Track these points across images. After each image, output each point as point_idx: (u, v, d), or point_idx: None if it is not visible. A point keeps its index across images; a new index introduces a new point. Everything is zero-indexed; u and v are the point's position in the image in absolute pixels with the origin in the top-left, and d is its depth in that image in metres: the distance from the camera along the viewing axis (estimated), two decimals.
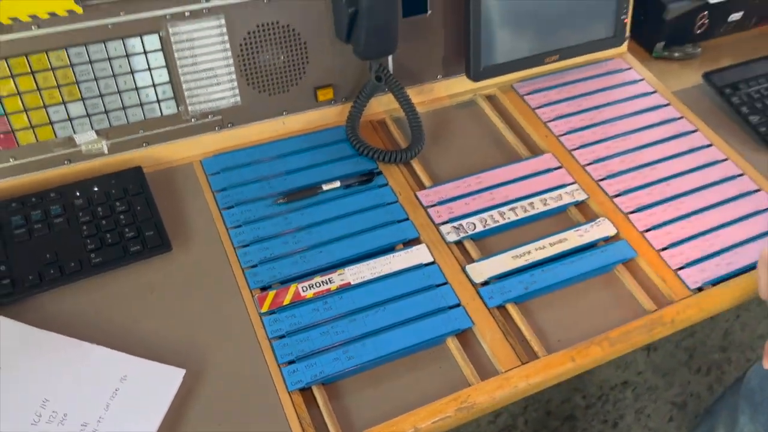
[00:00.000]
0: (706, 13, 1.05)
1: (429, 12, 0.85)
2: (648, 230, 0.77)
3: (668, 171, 0.83)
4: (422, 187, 0.80)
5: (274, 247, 0.71)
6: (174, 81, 0.76)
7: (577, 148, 0.85)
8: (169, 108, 0.77)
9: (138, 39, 0.72)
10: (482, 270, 0.71)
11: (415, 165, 0.82)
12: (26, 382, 0.59)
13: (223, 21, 0.75)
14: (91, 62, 0.71)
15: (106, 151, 0.76)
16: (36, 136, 0.72)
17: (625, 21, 0.93)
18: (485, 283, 0.70)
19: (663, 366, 1.47)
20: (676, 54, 1.06)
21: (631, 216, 0.78)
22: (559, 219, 0.78)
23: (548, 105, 0.91)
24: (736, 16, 1.09)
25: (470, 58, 0.85)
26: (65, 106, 0.72)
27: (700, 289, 0.72)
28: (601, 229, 0.76)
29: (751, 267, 0.74)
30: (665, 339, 1.40)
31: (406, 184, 0.80)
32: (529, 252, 0.73)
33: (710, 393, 1.48)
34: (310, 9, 0.78)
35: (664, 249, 0.75)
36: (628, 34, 0.98)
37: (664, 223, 0.77)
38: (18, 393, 0.58)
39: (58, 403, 0.58)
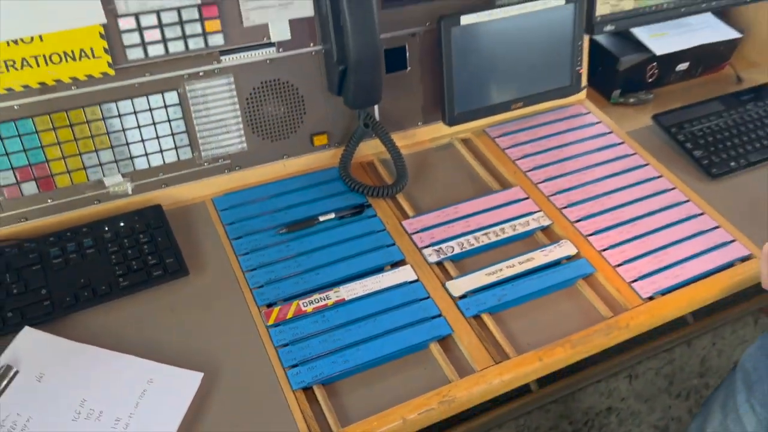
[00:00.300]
0: (655, 64, 1.19)
1: (408, 68, 0.98)
2: (605, 249, 0.88)
3: (622, 199, 0.95)
4: (407, 216, 0.91)
5: (278, 270, 0.82)
6: (189, 130, 0.88)
7: (542, 182, 0.97)
8: (185, 154, 0.88)
9: (160, 95, 0.85)
10: (460, 285, 0.82)
11: (400, 198, 0.93)
12: (66, 386, 0.68)
13: (232, 79, 0.88)
14: (120, 116, 0.83)
15: (130, 192, 0.87)
16: (71, 180, 0.83)
17: (580, 71, 1.06)
18: (463, 297, 0.81)
19: (645, 392, 1.55)
20: (631, 100, 1.19)
21: (590, 238, 0.89)
22: (526, 242, 0.89)
23: (516, 146, 1.03)
24: (683, 66, 1.23)
25: (445, 106, 0.98)
26: (97, 154, 0.83)
27: (651, 298, 0.82)
28: (564, 249, 0.87)
29: (695, 279, 0.84)
30: (646, 367, 1.48)
31: (392, 215, 0.91)
32: (500, 270, 0.84)
33: (690, 416, 1.55)
34: (306, 67, 0.91)
35: (619, 265, 0.86)
36: (585, 83, 1.11)
37: (619, 243, 0.89)
38: (59, 395, 0.67)
39: (94, 402, 0.67)
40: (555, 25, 1.01)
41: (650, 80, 1.21)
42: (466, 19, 0.93)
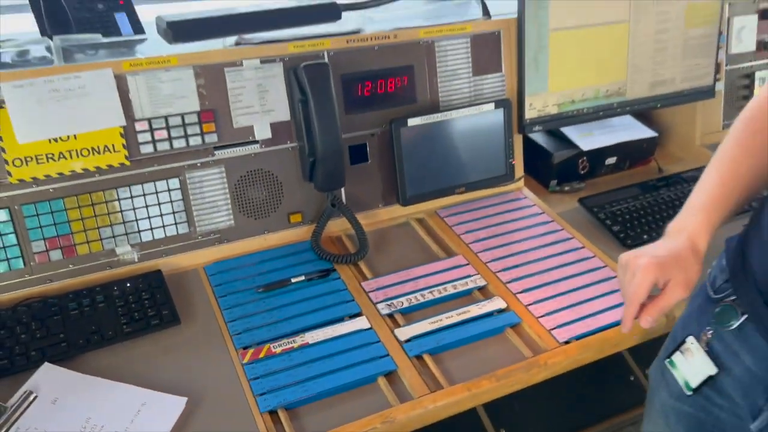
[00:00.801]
0: (585, 158, 1.41)
1: (369, 161, 1.20)
2: (530, 304, 1.04)
3: (548, 265, 1.13)
4: (365, 279, 1.09)
5: (254, 321, 0.99)
6: (187, 210, 1.08)
7: (481, 251, 1.16)
8: (183, 229, 1.08)
9: (165, 182, 1.06)
10: (406, 332, 0.98)
11: (361, 265, 1.12)
12: (75, 407, 0.84)
13: (223, 169, 1.09)
14: (132, 197, 1.04)
15: (136, 260, 1.06)
16: (90, 249, 1.03)
17: (513, 163, 1.28)
18: (408, 341, 0.97)
19: None
20: (566, 188, 1.40)
21: (518, 295, 1.06)
22: (465, 299, 1.06)
23: (462, 223, 1.23)
24: (611, 160, 1.45)
25: (399, 189, 1.18)
26: (111, 228, 1.03)
27: (567, 342, 0.98)
28: (495, 304, 1.04)
29: (604, 328, 1.01)
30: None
31: (353, 278, 1.09)
32: (441, 320, 1.01)
33: None
34: (284, 159, 1.13)
35: (541, 316, 1.02)
36: (521, 173, 1.33)
37: (543, 299, 1.05)
38: (69, 414, 0.83)
39: (97, 419, 0.82)
40: (489, 126, 1.24)
41: (583, 172, 1.43)
42: (412, 122, 1.16)
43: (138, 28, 1.39)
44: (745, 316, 0.76)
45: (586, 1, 1.27)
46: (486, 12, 1.34)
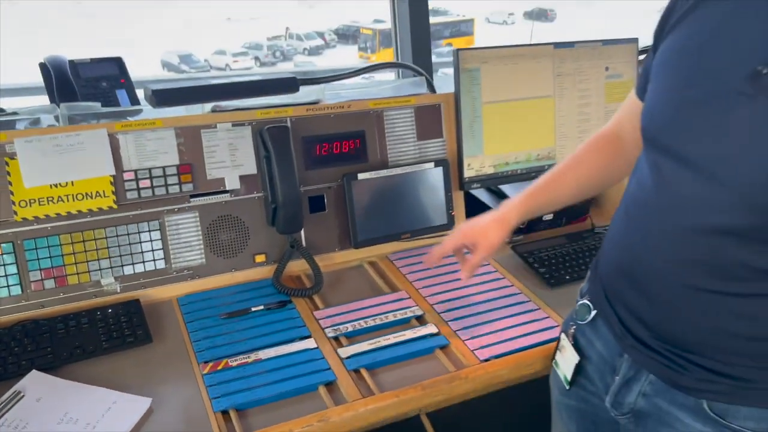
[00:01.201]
0: None
1: (326, 210, 1.39)
2: (459, 330, 1.20)
3: (479, 299, 1.29)
4: (317, 309, 1.25)
5: (217, 341, 1.14)
6: (165, 248, 1.26)
7: (422, 288, 1.32)
8: (161, 265, 1.26)
9: (146, 223, 1.24)
10: (348, 350, 1.13)
11: (315, 298, 1.28)
12: (55, 404, 0.98)
13: (197, 214, 1.28)
14: (117, 236, 1.22)
15: (118, 290, 1.23)
16: (79, 279, 1.20)
17: (453, 213, 1.47)
18: (348, 357, 1.12)
19: None
20: (506, 240, 1.57)
21: (449, 322, 1.22)
22: (403, 325, 1.22)
23: (408, 265, 1.40)
24: (548, 217, 1.63)
25: (351, 234, 1.36)
26: (98, 262, 1.21)
27: (487, 360, 1.13)
28: (428, 329, 1.20)
29: (522, 349, 1.16)
30: None
31: (307, 308, 1.25)
32: (379, 341, 1.16)
33: None
34: (250, 207, 1.32)
35: (467, 339, 1.17)
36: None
37: (471, 326, 1.21)
38: (50, 409, 0.97)
39: (74, 414, 0.97)
40: (430, 180, 1.43)
41: (522, 227, 1.61)
42: (362, 176, 1.36)
43: (135, 101, 1.62)
44: (595, 311, 0.93)
45: (513, 79, 1.50)
46: (432, 89, 1.57)
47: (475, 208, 1.54)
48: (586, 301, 0.98)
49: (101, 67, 1.69)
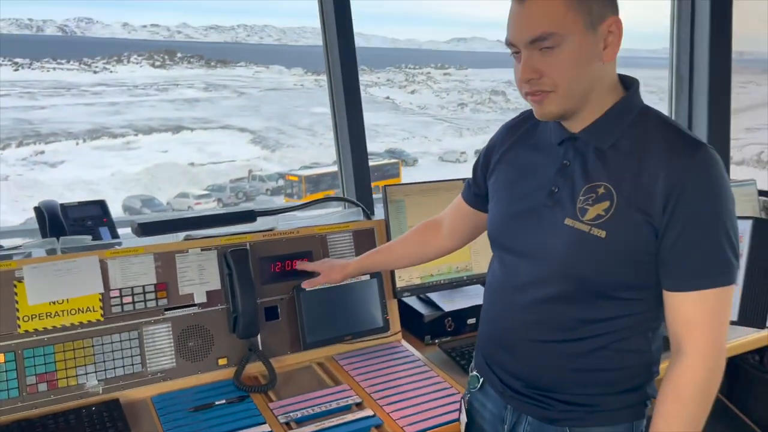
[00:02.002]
0: (450, 318, 1.88)
1: (280, 319, 1.65)
2: (392, 411, 1.44)
3: (410, 387, 1.54)
4: (272, 401, 1.47)
5: (185, 429, 1.35)
6: (142, 354, 1.49)
7: (362, 381, 1.56)
8: (138, 369, 1.48)
9: (127, 333, 1.48)
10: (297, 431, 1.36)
11: (270, 393, 1.51)
12: None
13: (170, 324, 1.53)
14: (102, 344, 1.45)
15: (101, 392, 1.44)
16: (68, 383, 1.41)
17: (388, 318, 1.74)
18: None
19: None
20: (436, 341, 1.84)
21: (384, 406, 1.46)
22: (344, 411, 1.45)
23: (351, 363, 1.65)
24: (472, 320, 1.92)
25: (301, 338, 1.62)
26: (85, 367, 1.43)
27: None
28: (365, 412, 1.43)
29: (442, 424, 1.39)
30: None
31: (263, 401, 1.47)
32: (324, 423, 1.39)
33: None
34: (215, 317, 1.57)
35: (398, 418, 1.41)
36: (398, 327, 1.78)
37: (401, 408, 1.45)
38: None
39: None
40: (368, 290, 1.72)
41: (450, 329, 1.88)
42: (309, 288, 1.64)
43: (115, 236, 1.91)
44: (482, 379, 1.21)
45: (433, 207, 1.84)
46: (368, 217, 1.91)
47: (407, 312, 1.83)
48: (475, 373, 1.27)
49: (87, 209, 1.99)
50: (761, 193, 2.70)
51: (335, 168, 2.38)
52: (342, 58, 2.21)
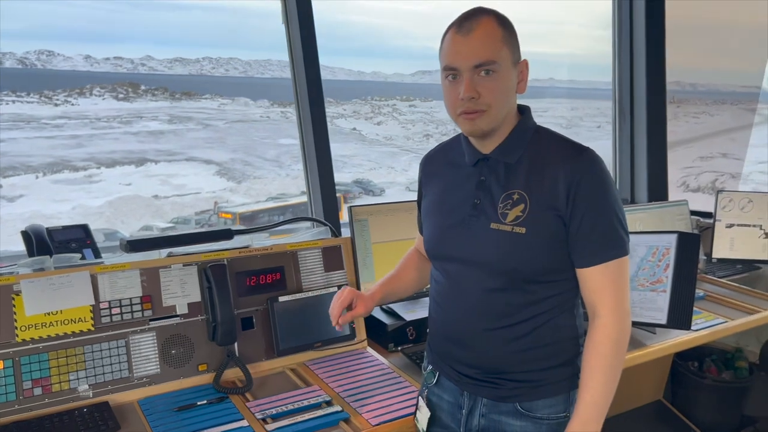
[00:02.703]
0: (411, 327, 2.05)
1: (255, 328, 1.80)
2: (358, 407, 1.60)
3: (375, 386, 1.70)
4: (249, 401, 1.62)
5: (170, 426, 1.49)
6: (129, 361, 1.63)
7: (331, 382, 1.72)
8: (125, 374, 1.62)
9: (116, 341, 1.62)
10: (272, 426, 1.50)
11: (247, 395, 1.66)
12: None
13: (155, 334, 1.67)
14: (93, 352, 1.59)
15: (91, 396, 1.57)
16: (60, 387, 1.54)
17: (354, 327, 1.91)
18: (273, 429, 1.49)
19: None
20: (399, 348, 2.01)
21: (351, 403, 1.62)
22: (315, 408, 1.60)
23: (322, 368, 1.81)
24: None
25: (275, 345, 1.78)
26: (77, 372, 1.56)
27: (378, 425, 1.53)
28: (334, 408, 1.59)
29: (403, 416, 1.56)
30: None
31: (241, 402, 1.62)
32: (296, 418, 1.54)
33: None
34: (196, 327, 1.72)
35: (364, 413, 1.57)
36: (364, 336, 1.95)
37: (367, 404, 1.61)
38: None
39: None
40: None
41: (411, 337, 2.06)
42: (282, 299, 1.81)
43: (98, 256, 2.04)
44: (438, 373, 1.39)
45: (394, 225, 2.03)
46: (335, 235, 2.08)
47: (372, 322, 1.99)
48: (430, 368, 1.46)
49: (71, 232, 2.12)
50: (693, 212, 2.98)
51: (272, 204, 2.56)
52: (309, 90, 2.40)
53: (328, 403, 1.63)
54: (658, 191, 3.25)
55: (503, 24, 1.26)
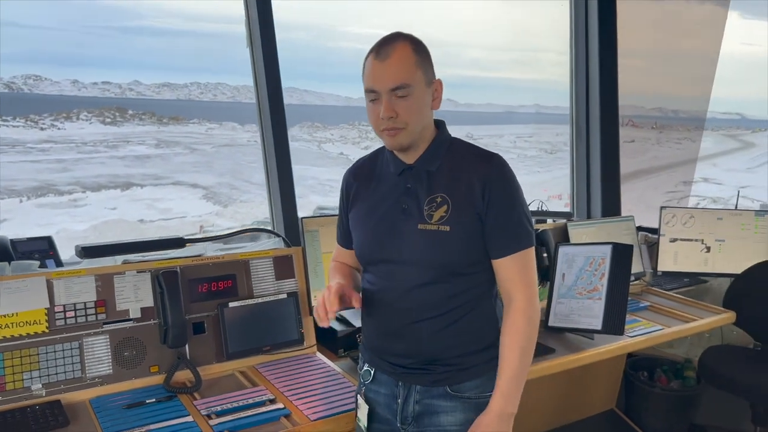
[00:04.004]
0: (360, 333, 2.15)
1: (206, 332, 1.90)
2: (300, 405, 1.69)
3: (319, 387, 1.79)
4: (196, 399, 1.71)
5: (119, 422, 1.57)
6: (82, 362, 1.71)
7: (278, 383, 1.81)
8: (78, 374, 1.70)
9: (69, 344, 1.70)
10: (216, 421, 1.59)
11: (195, 395, 1.74)
12: None
13: (108, 336, 1.76)
14: (47, 353, 1.67)
15: (44, 395, 1.65)
16: (14, 386, 1.62)
17: (303, 331, 2.01)
18: (216, 424, 1.58)
19: None
20: (347, 353, 2.11)
21: (294, 401, 1.71)
22: (259, 405, 1.69)
23: (270, 371, 1.89)
24: None
25: (224, 349, 1.87)
26: (31, 372, 1.64)
27: (316, 420, 1.62)
28: (276, 405, 1.68)
29: (340, 413, 1.65)
30: None
31: (188, 400, 1.71)
32: (239, 414, 1.63)
33: None
34: (148, 330, 1.81)
35: (305, 409, 1.66)
36: (313, 340, 2.04)
37: (308, 402, 1.70)
38: None
39: None
40: (284, 307, 1.99)
41: (360, 342, 2.15)
42: (232, 304, 1.91)
43: (60, 266, 2.14)
44: (373, 370, 1.51)
45: None
46: (287, 245, 2.19)
47: (323, 329, 2.09)
48: (366, 367, 1.56)
49: (35, 244, 2.22)
50: (640, 228, 3.11)
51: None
52: (272, 114, 2.52)
53: (272, 401, 1.72)
54: (611, 208, 3.39)
55: (417, 48, 1.38)
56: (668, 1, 4.45)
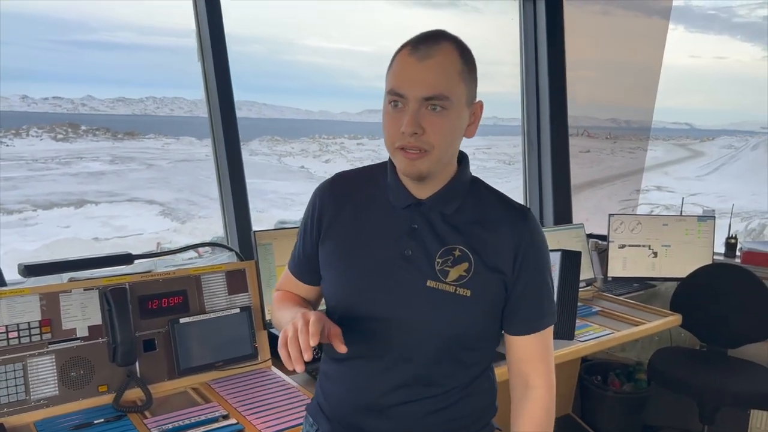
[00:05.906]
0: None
1: (157, 350, 1.86)
2: (254, 420, 1.67)
3: (273, 400, 1.78)
4: (147, 418, 1.67)
5: None
6: (26, 383, 1.66)
7: (231, 398, 1.79)
8: (21, 396, 1.65)
9: (12, 365, 1.65)
10: None
11: (147, 413, 1.71)
12: None
13: (54, 356, 1.71)
14: None
15: None
16: None
17: (256, 346, 1.99)
18: None
19: None
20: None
21: (248, 417, 1.69)
22: (213, 422, 1.67)
23: (224, 387, 1.87)
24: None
25: (176, 365, 1.84)
26: None
27: None
28: (230, 422, 1.66)
29: (293, 426, 1.64)
30: None
31: (139, 419, 1.67)
32: (191, 431, 1.61)
33: None
34: (97, 349, 1.77)
35: (259, 424, 1.65)
36: (268, 355, 2.02)
37: (264, 417, 1.69)
38: None
39: None
40: (238, 321, 1.97)
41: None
42: (183, 320, 1.88)
43: (3, 284, 2.07)
44: None
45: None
46: (240, 259, 2.17)
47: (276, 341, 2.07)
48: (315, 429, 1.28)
49: None
50: (591, 235, 3.19)
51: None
52: (224, 127, 2.51)
53: (225, 417, 1.70)
54: (563, 216, 3.47)
55: (465, 56, 1.10)
56: (615, 14, 4.60)
